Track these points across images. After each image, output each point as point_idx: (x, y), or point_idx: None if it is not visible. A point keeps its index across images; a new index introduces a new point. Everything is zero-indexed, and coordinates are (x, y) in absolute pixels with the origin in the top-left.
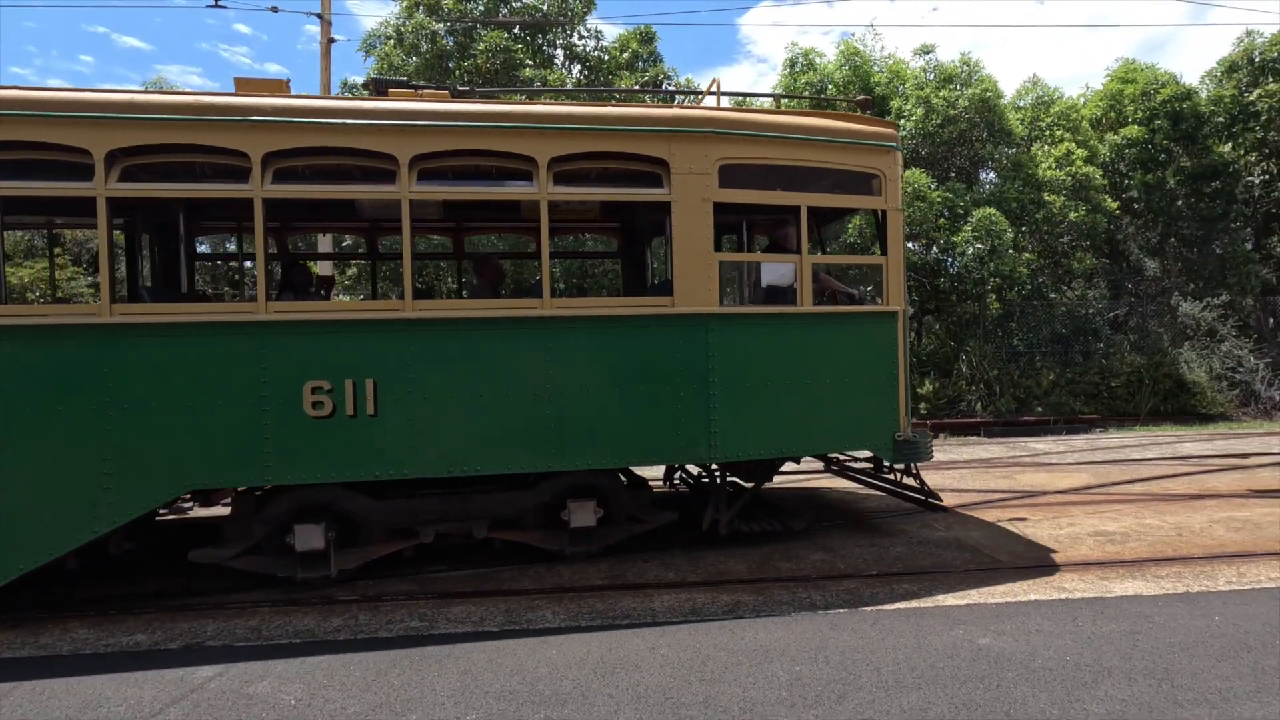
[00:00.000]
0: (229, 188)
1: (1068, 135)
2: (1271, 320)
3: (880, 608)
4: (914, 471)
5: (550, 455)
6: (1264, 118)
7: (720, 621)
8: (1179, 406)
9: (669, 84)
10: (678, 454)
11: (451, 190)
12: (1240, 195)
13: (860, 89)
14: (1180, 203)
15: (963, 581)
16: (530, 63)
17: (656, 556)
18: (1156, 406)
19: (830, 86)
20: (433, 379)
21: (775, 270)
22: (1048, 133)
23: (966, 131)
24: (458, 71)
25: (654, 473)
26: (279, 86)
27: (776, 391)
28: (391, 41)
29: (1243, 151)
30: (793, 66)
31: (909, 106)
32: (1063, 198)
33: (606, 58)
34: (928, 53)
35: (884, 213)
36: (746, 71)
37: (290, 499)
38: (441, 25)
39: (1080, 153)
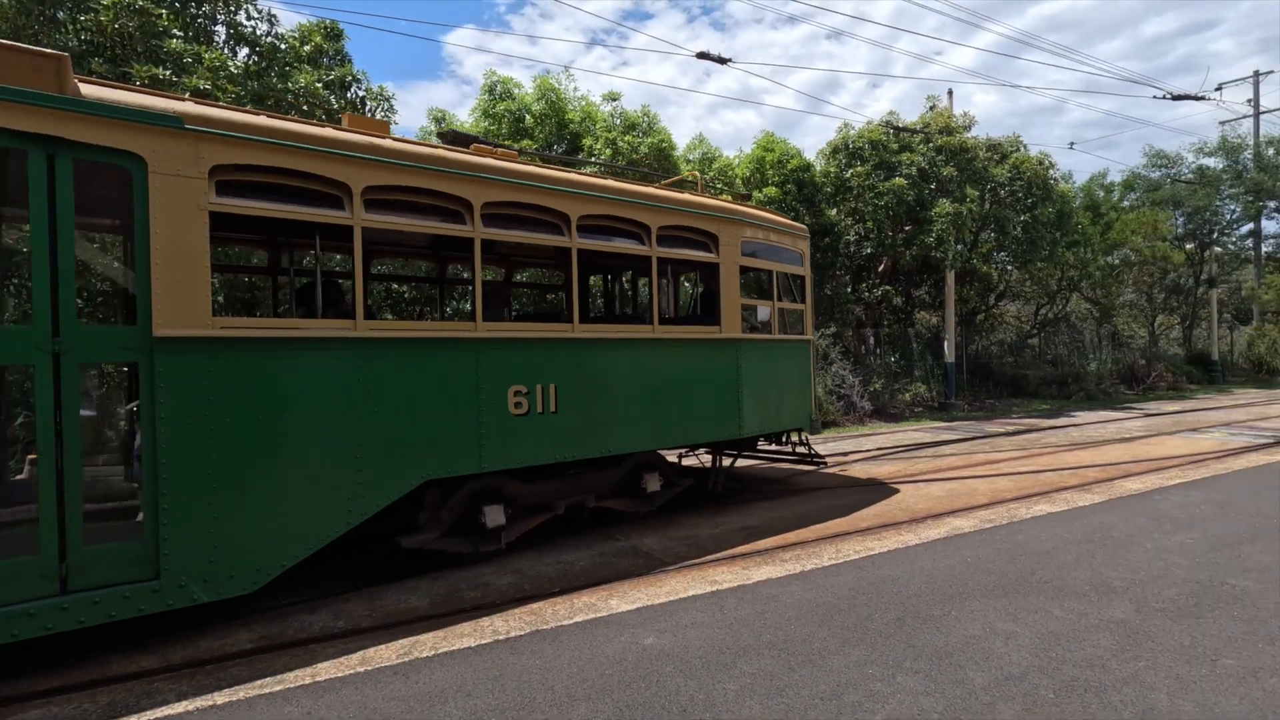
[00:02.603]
0: (452, 227)
1: (726, 189)
2: (863, 347)
3: (560, 624)
4: (805, 441)
5: (658, 437)
6: (855, 191)
7: (394, 666)
8: None
9: (359, 88)
10: (723, 433)
11: (598, 244)
12: (842, 250)
13: (556, 123)
14: None
15: (635, 587)
16: (179, 34)
17: (325, 606)
18: None
19: (528, 116)
20: (589, 382)
21: (764, 310)
22: (712, 185)
23: (646, 176)
24: (72, 26)
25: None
26: (382, 127)
27: (766, 389)
28: None
29: (843, 216)
30: (491, 92)
31: (598, 146)
32: None
33: (284, 46)
34: (614, 100)
35: (803, 278)
36: (449, 90)
37: (472, 486)
38: None
39: None
